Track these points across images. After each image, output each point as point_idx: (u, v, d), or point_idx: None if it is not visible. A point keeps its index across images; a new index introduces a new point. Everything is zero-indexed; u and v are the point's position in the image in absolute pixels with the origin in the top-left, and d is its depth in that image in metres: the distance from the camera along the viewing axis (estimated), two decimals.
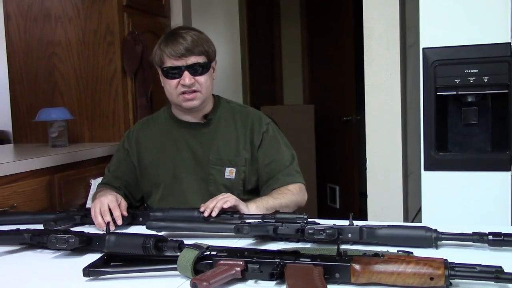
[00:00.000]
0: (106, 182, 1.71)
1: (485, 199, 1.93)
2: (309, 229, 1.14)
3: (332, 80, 4.24)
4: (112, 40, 2.64)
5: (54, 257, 1.18)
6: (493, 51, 1.88)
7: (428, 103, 1.98)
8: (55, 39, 2.72)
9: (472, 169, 1.95)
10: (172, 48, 1.56)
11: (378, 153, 2.44)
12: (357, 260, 0.91)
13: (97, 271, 1.01)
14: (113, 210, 1.41)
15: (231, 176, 1.64)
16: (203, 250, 0.99)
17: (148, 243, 1.08)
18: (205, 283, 0.89)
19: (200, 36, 1.61)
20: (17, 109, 2.83)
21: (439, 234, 1.10)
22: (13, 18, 2.78)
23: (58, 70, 2.73)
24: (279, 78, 4.85)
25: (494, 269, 0.85)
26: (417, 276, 0.87)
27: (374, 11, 2.40)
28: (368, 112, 2.45)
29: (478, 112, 1.98)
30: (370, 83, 2.43)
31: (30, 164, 2.07)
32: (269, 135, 1.69)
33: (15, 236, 1.24)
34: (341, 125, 4.04)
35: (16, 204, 1.93)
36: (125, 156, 1.73)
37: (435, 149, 1.99)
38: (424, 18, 1.98)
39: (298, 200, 1.62)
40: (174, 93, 1.60)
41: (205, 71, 1.60)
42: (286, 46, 4.83)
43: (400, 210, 2.44)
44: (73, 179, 2.29)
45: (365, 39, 2.43)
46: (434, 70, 1.95)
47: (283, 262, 0.93)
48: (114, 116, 2.68)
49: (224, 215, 1.35)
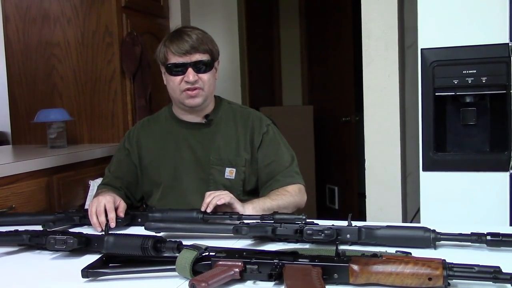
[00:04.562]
0: (107, 182, 1.71)
1: (484, 200, 1.93)
2: (308, 230, 1.14)
3: (331, 81, 4.25)
4: (111, 41, 2.64)
5: (52, 258, 1.18)
6: (491, 52, 1.89)
7: (426, 104, 1.99)
8: (53, 40, 2.72)
9: (470, 169, 1.96)
10: (177, 44, 1.57)
11: (377, 153, 2.44)
12: (356, 260, 0.91)
13: (95, 272, 1.01)
14: (108, 212, 1.41)
15: (231, 177, 1.64)
16: (202, 251, 0.99)
17: (147, 244, 1.08)
18: (204, 284, 0.89)
19: (205, 35, 1.64)
20: (16, 110, 2.83)
21: (438, 235, 1.10)
22: (12, 20, 2.78)
23: (57, 71, 2.73)
24: (278, 79, 4.85)
25: (492, 269, 0.85)
26: (416, 277, 0.87)
27: (373, 12, 2.40)
28: (367, 113, 2.45)
29: (477, 112, 1.98)
30: (369, 84, 2.43)
31: (28, 165, 2.06)
32: (269, 136, 1.69)
33: (13, 237, 1.24)
34: (340, 126, 4.04)
35: (14, 205, 1.93)
36: (126, 156, 1.74)
37: (433, 149, 1.99)
38: (422, 19, 1.99)
39: (297, 201, 1.62)
40: (177, 90, 1.61)
41: (209, 69, 1.62)
42: (285, 47, 4.83)
43: (398, 211, 2.45)
44: (72, 180, 2.29)
45: (364, 40, 2.43)
46: (433, 71, 1.96)
47: (281, 263, 0.93)
48: (113, 117, 2.68)
49: (223, 215, 1.35)
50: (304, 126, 4.08)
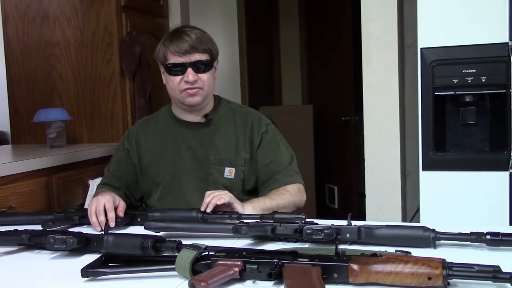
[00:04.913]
0: (106, 182, 1.71)
1: (483, 199, 1.93)
2: (307, 229, 1.14)
3: (331, 80, 4.25)
4: (110, 40, 2.64)
5: (52, 257, 1.18)
6: (491, 51, 1.89)
7: (426, 103, 1.99)
8: (53, 40, 2.72)
9: (470, 169, 1.96)
10: (176, 44, 1.57)
11: (377, 153, 2.44)
12: (355, 260, 0.91)
13: (95, 271, 1.01)
14: (108, 212, 1.41)
15: (230, 176, 1.64)
16: (201, 251, 0.99)
17: (146, 244, 1.08)
18: (203, 284, 0.89)
19: (204, 35, 1.63)
20: (16, 110, 2.83)
21: (437, 234, 1.10)
22: (11, 19, 2.78)
23: (57, 71, 2.73)
24: (277, 79, 4.85)
25: (492, 268, 0.85)
26: (415, 276, 0.87)
27: (372, 11, 2.40)
28: (366, 113, 2.45)
29: (476, 112, 1.99)
30: (369, 84, 2.43)
31: (28, 165, 2.06)
32: (268, 136, 1.69)
33: (13, 237, 1.24)
34: (339, 126, 4.04)
35: (14, 205, 1.93)
36: (125, 156, 1.73)
37: (433, 149, 1.99)
38: (422, 18, 1.99)
39: (297, 201, 1.62)
40: (176, 89, 1.61)
41: (208, 69, 1.62)
42: (285, 46, 4.83)
43: (398, 210, 2.45)
44: (71, 179, 2.28)
45: (363, 40, 2.43)
46: (432, 70, 1.96)
47: (281, 262, 0.93)
48: (113, 117, 2.68)
49: (223, 215, 1.35)
50: (304, 125, 4.08)
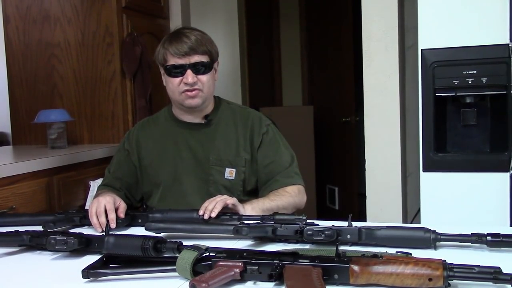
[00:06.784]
0: (107, 183, 1.71)
1: (484, 200, 1.93)
2: (308, 230, 1.14)
3: (331, 81, 4.24)
4: (111, 41, 2.64)
5: (53, 258, 1.18)
6: (491, 52, 1.89)
7: (426, 104, 1.99)
8: (54, 40, 2.72)
9: (471, 170, 1.96)
10: (176, 46, 1.57)
11: (377, 154, 2.44)
12: (356, 261, 0.91)
13: (96, 272, 1.01)
14: (108, 213, 1.41)
15: (231, 177, 1.64)
16: (202, 252, 0.99)
17: (147, 245, 1.08)
18: (204, 285, 0.89)
19: (204, 36, 1.63)
20: (16, 110, 2.83)
21: (438, 235, 1.10)
22: (12, 20, 2.78)
23: (57, 71, 2.73)
24: (278, 80, 4.85)
25: (492, 270, 0.85)
26: (416, 277, 0.87)
27: (373, 12, 2.40)
28: (367, 113, 2.45)
29: (477, 113, 1.99)
30: (369, 84, 2.43)
31: (29, 166, 2.06)
32: (268, 137, 1.69)
33: (14, 238, 1.24)
34: (340, 126, 4.04)
35: (15, 206, 1.93)
36: (126, 157, 1.74)
37: (434, 150, 1.99)
38: (422, 19, 1.99)
39: (297, 202, 1.62)
40: (176, 91, 1.61)
41: (208, 71, 1.61)
42: (285, 47, 4.84)
43: (399, 211, 2.45)
44: (72, 180, 2.29)
45: (364, 41, 2.43)
46: (433, 71, 1.96)
47: (282, 263, 0.93)
48: (113, 118, 2.68)
49: (223, 216, 1.35)
50: (304, 126, 4.08)
